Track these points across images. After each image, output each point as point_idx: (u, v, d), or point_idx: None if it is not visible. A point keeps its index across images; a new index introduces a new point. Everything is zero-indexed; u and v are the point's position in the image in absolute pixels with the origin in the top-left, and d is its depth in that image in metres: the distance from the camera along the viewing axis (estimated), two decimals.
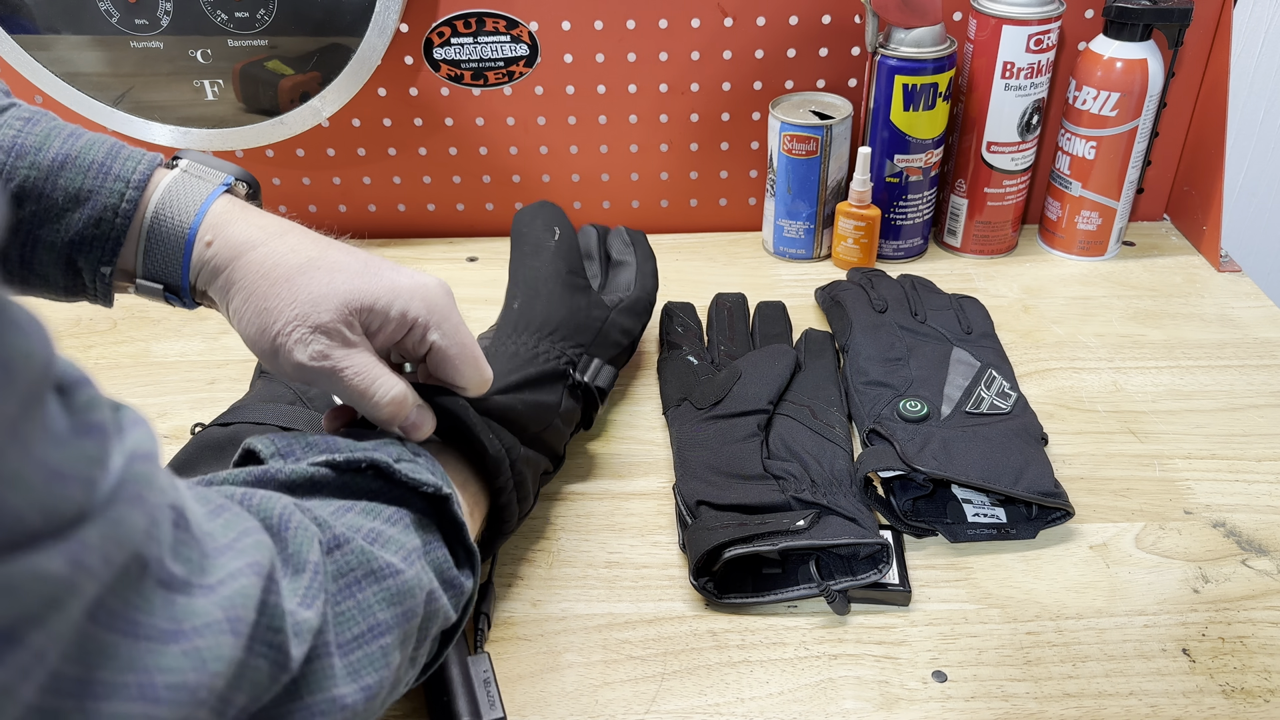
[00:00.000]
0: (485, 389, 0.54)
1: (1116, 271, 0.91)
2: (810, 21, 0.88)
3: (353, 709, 0.38)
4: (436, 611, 0.45)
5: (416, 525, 0.45)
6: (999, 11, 0.82)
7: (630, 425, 0.74)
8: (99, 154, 0.47)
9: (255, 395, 0.67)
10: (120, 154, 0.47)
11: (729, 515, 0.60)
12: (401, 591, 0.41)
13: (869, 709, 0.53)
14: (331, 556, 0.40)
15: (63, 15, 0.83)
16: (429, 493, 0.46)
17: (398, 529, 0.44)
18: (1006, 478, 0.62)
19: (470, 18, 0.87)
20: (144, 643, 0.28)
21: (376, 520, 0.44)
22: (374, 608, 0.40)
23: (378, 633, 0.40)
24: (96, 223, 0.46)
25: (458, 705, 0.52)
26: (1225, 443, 0.71)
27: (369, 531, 0.43)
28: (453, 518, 0.47)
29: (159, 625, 0.28)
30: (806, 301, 0.86)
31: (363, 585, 0.40)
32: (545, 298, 0.67)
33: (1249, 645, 0.56)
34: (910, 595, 0.59)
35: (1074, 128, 0.88)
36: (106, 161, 0.47)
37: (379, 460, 0.45)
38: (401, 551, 0.43)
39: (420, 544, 0.45)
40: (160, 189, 0.47)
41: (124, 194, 0.46)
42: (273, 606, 0.34)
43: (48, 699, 0.25)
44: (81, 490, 0.25)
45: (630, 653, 0.57)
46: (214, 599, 0.31)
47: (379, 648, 0.40)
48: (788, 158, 0.88)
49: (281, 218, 0.50)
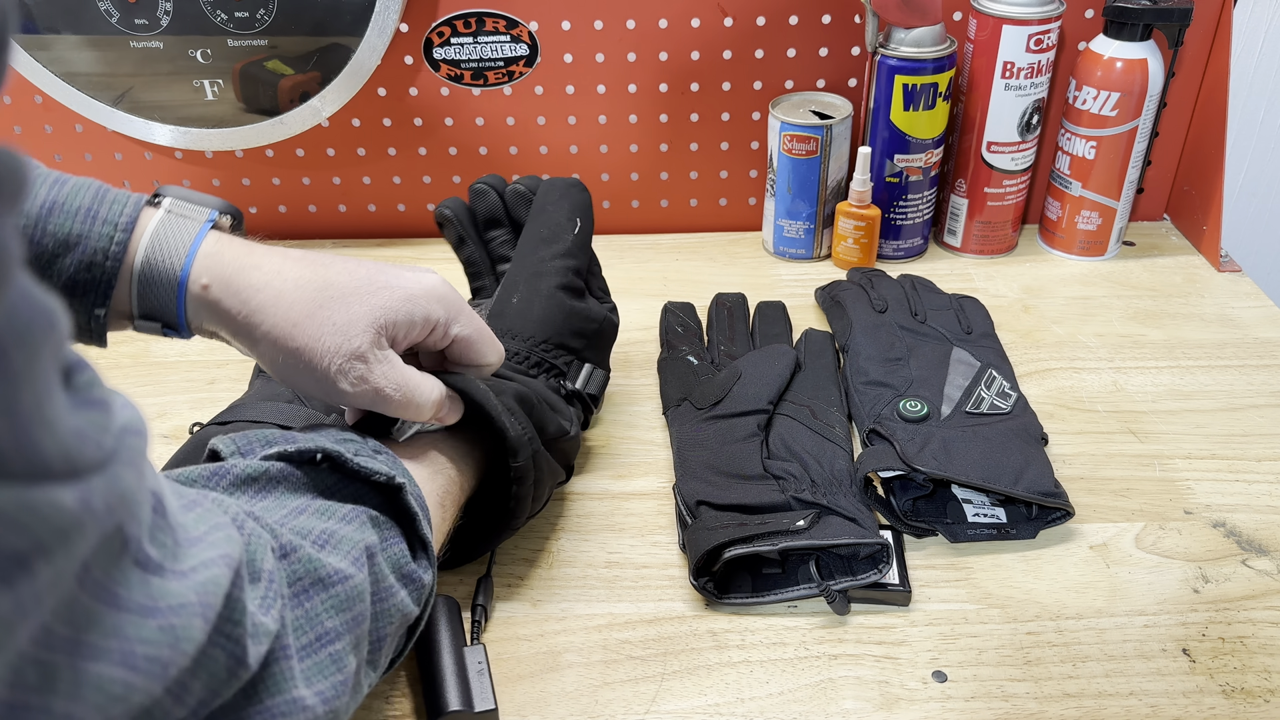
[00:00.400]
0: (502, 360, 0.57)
1: (1116, 271, 0.91)
2: (810, 21, 0.88)
3: (312, 711, 0.38)
4: (391, 610, 0.45)
5: (372, 522, 0.46)
6: (999, 11, 0.82)
7: (630, 425, 0.74)
8: (85, 199, 0.47)
9: (254, 394, 0.67)
10: (106, 197, 0.48)
11: (729, 515, 0.60)
12: (350, 597, 0.42)
13: (869, 709, 0.53)
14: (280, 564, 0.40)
15: (63, 15, 0.83)
16: (381, 482, 0.47)
17: (352, 527, 0.44)
18: (1006, 478, 0.62)
19: (470, 18, 0.87)
20: (125, 614, 0.29)
21: (330, 520, 0.44)
22: (322, 616, 0.41)
23: (327, 640, 0.41)
24: (88, 267, 0.47)
25: (448, 695, 0.52)
26: (1225, 443, 0.71)
27: (320, 534, 0.43)
28: (405, 508, 0.47)
29: (137, 600, 0.30)
30: (806, 301, 0.86)
31: (310, 594, 0.41)
32: (544, 298, 0.65)
33: (1249, 645, 0.56)
34: (910, 595, 0.59)
35: (1074, 128, 0.88)
36: (93, 206, 0.47)
37: (332, 451, 0.46)
38: (353, 553, 0.43)
39: (376, 540, 0.45)
40: (149, 232, 0.48)
41: (113, 237, 0.47)
42: (236, 600, 0.35)
43: (43, 652, 0.27)
44: (94, 448, 0.27)
45: (630, 653, 0.57)
46: (187, 584, 0.32)
47: (328, 655, 0.40)
48: (788, 158, 0.88)
49: (268, 246, 0.50)
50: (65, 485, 0.26)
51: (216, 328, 0.49)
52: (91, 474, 0.27)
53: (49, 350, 0.26)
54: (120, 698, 0.29)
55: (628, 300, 0.88)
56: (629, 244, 0.95)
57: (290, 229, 0.97)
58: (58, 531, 0.26)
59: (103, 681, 0.28)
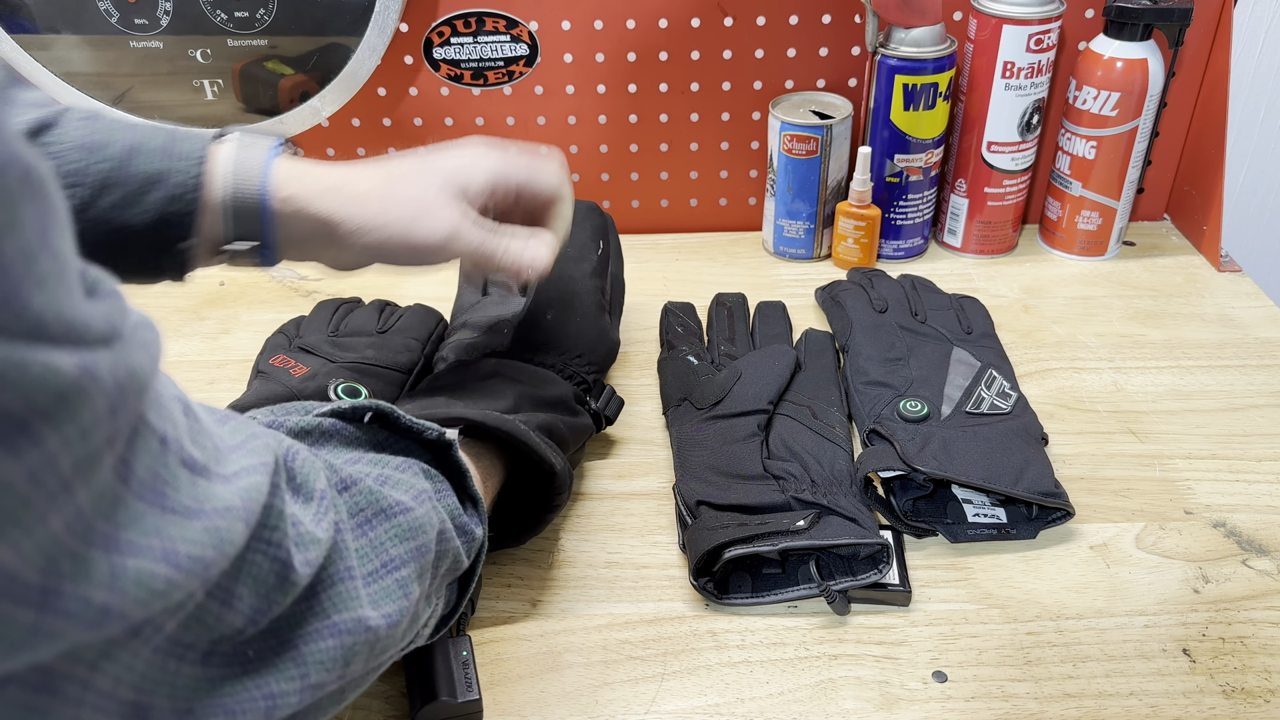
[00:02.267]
0: None
1: (1117, 271, 0.91)
2: (810, 21, 0.88)
3: (375, 631, 0.40)
4: (448, 551, 0.46)
5: (425, 474, 0.47)
6: (999, 11, 0.82)
7: (630, 425, 0.74)
8: (160, 139, 0.51)
9: (252, 394, 0.67)
10: (177, 135, 0.52)
11: (729, 515, 0.60)
12: (413, 528, 0.43)
13: (869, 709, 0.53)
14: (341, 497, 0.41)
15: (63, 15, 0.83)
16: (432, 438, 0.48)
17: (407, 474, 0.46)
18: (1007, 478, 0.62)
19: (470, 17, 0.87)
20: (170, 515, 0.30)
21: (385, 468, 0.45)
22: (386, 544, 0.42)
23: (392, 567, 0.42)
24: (172, 200, 0.51)
25: (437, 684, 0.52)
26: (1225, 443, 0.71)
27: (378, 476, 0.44)
28: (456, 464, 0.49)
29: (184, 502, 0.30)
30: (806, 301, 0.86)
31: (374, 523, 0.42)
32: (579, 315, 0.68)
33: (1249, 645, 0.56)
34: (910, 595, 0.59)
35: (1074, 127, 0.88)
36: (168, 144, 0.51)
37: (383, 408, 0.47)
38: (411, 491, 0.45)
39: (430, 488, 0.46)
40: (230, 159, 0.52)
41: (190, 171, 0.51)
42: (272, 508, 0.35)
43: (80, 545, 0.27)
44: (101, 323, 0.27)
45: (630, 653, 0.57)
46: (231, 488, 0.33)
47: (394, 580, 0.42)
48: (788, 157, 0.88)
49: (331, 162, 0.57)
50: (64, 350, 0.25)
51: (303, 238, 0.54)
52: (96, 346, 0.27)
53: (33, 205, 0.25)
54: (161, 593, 0.29)
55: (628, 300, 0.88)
56: (629, 244, 0.94)
57: None
58: (57, 396, 0.25)
59: (142, 576, 0.28)
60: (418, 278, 0.91)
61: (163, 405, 0.31)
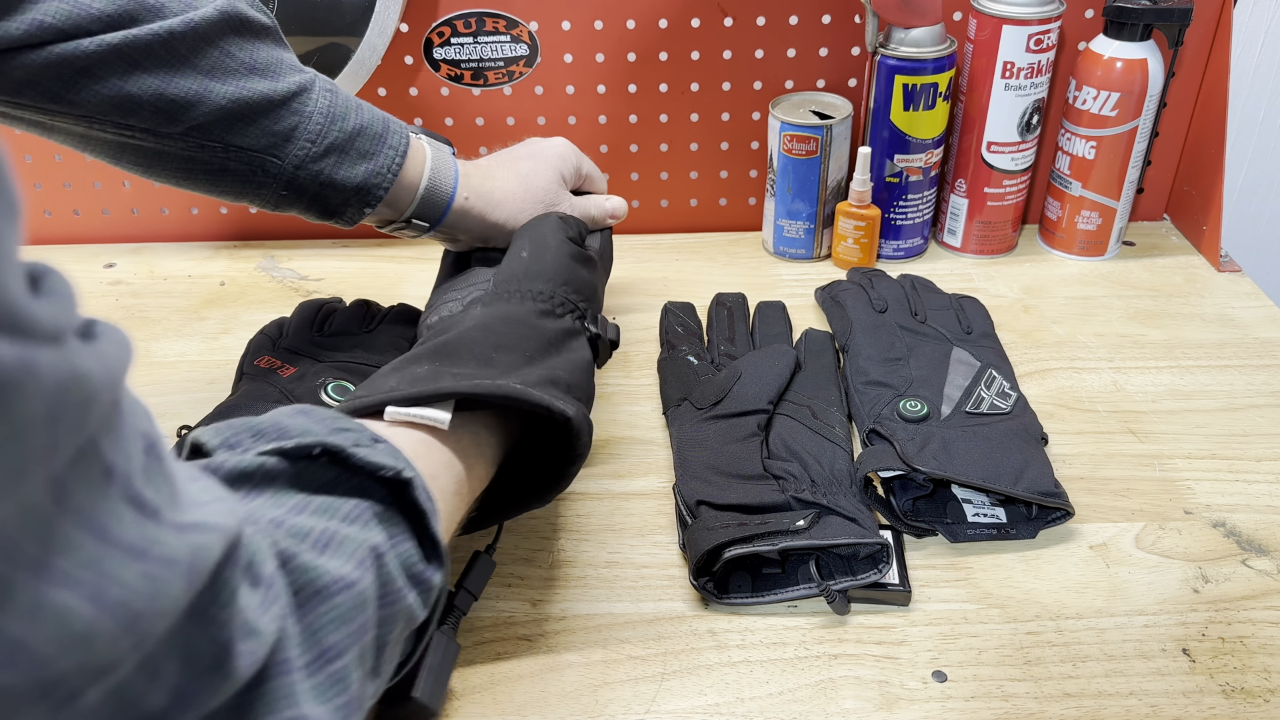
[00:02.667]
0: None
1: (1116, 271, 0.91)
2: (810, 21, 0.88)
3: None
4: (397, 614, 0.42)
5: (378, 519, 0.42)
6: (999, 11, 0.82)
7: (630, 425, 0.74)
8: (378, 127, 0.64)
9: (242, 395, 0.67)
10: (390, 127, 0.65)
11: (729, 515, 0.60)
12: (354, 606, 0.39)
13: (869, 709, 0.53)
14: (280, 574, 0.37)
15: None
16: (388, 477, 0.43)
17: (355, 526, 0.41)
18: (1006, 478, 0.62)
19: (470, 17, 0.87)
20: (110, 549, 0.27)
21: (332, 519, 0.41)
22: (323, 630, 0.38)
23: (330, 657, 0.38)
24: (376, 174, 0.64)
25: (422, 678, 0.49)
26: (1225, 443, 0.71)
27: (320, 534, 0.39)
28: (414, 505, 0.44)
29: (129, 539, 0.28)
30: (806, 301, 0.86)
31: (311, 605, 0.38)
32: (554, 250, 0.64)
33: (1249, 645, 0.56)
34: (910, 595, 0.59)
35: (1074, 128, 0.88)
36: (383, 133, 0.64)
37: (332, 445, 0.43)
38: (357, 554, 0.40)
39: (384, 539, 0.42)
40: (425, 157, 0.67)
41: (394, 159, 0.65)
42: (225, 581, 0.32)
43: (4, 565, 0.25)
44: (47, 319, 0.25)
45: (630, 653, 0.57)
46: (182, 540, 0.30)
47: (330, 675, 0.37)
48: (788, 158, 0.88)
49: (478, 162, 0.72)
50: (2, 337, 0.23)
51: (463, 227, 0.69)
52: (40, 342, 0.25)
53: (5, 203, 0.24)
54: (82, 637, 0.26)
55: (628, 300, 0.88)
56: (629, 244, 0.95)
57: (291, 228, 0.97)
58: None
59: (65, 612, 0.26)
60: (417, 278, 0.91)
61: (121, 434, 0.28)
